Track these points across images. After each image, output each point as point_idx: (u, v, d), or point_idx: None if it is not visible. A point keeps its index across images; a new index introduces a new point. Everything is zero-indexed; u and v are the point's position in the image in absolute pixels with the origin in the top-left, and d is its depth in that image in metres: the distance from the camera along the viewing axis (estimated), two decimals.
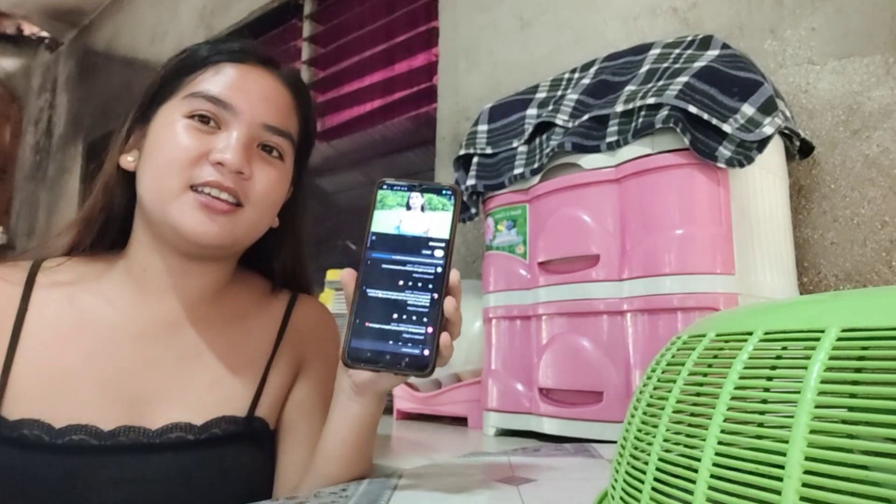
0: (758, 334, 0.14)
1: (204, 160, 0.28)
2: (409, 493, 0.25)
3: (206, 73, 0.30)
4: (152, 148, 0.29)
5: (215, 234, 0.28)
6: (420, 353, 0.24)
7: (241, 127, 0.29)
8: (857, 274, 0.51)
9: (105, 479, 0.26)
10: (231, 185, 0.28)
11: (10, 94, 2.34)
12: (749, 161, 0.41)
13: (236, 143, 0.28)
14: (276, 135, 0.30)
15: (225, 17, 1.42)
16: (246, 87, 0.30)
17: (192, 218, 0.28)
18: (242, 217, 0.29)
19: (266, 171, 0.30)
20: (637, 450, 0.16)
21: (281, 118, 0.31)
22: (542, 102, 0.54)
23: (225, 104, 0.29)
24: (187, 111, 0.29)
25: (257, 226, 0.31)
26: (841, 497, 0.10)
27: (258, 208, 0.30)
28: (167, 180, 0.28)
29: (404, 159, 1.02)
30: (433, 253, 0.25)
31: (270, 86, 0.31)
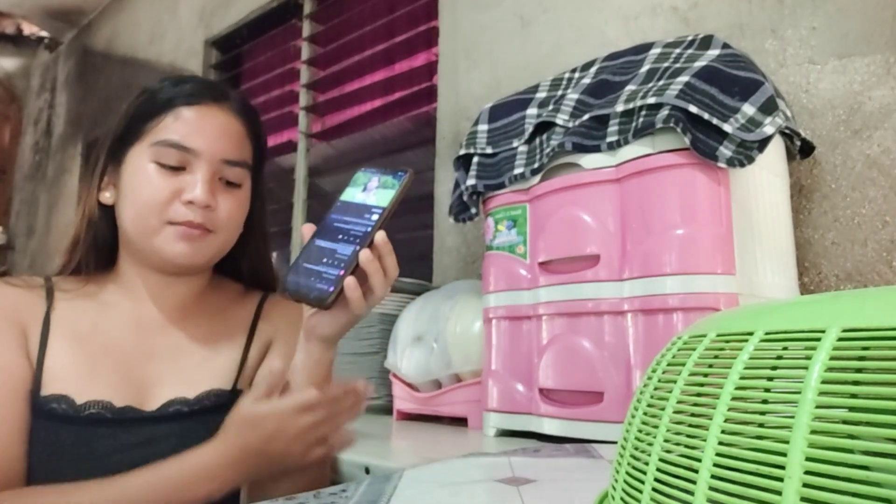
0: (758, 334, 0.14)
1: (176, 199, 0.34)
2: (409, 494, 0.25)
3: (167, 118, 0.35)
4: (129, 190, 0.35)
5: (192, 255, 0.35)
6: (325, 288, 0.29)
7: (204, 167, 0.35)
8: (858, 274, 0.51)
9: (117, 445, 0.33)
10: (201, 221, 0.35)
11: (9, 94, 2.34)
12: (750, 161, 0.41)
13: (202, 183, 0.34)
14: (234, 166, 0.36)
15: (224, 17, 1.42)
16: (203, 128, 0.35)
17: (174, 248, 0.35)
18: (213, 241, 0.36)
19: (228, 200, 0.36)
20: (637, 450, 0.16)
21: (236, 150, 0.36)
22: (542, 102, 0.54)
23: (187, 149, 0.35)
24: (155, 158, 0.35)
25: (225, 245, 0.37)
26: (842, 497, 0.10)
27: (224, 232, 0.36)
28: (148, 219, 0.34)
29: (404, 159, 1.02)
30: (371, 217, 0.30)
31: (224, 122, 0.36)
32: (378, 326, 0.68)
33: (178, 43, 1.56)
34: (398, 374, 0.62)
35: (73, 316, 0.36)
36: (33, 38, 2.30)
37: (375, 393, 0.67)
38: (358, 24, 1.10)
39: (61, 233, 1.96)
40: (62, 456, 0.32)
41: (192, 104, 0.35)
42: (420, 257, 0.92)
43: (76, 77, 2.05)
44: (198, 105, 0.35)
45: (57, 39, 2.19)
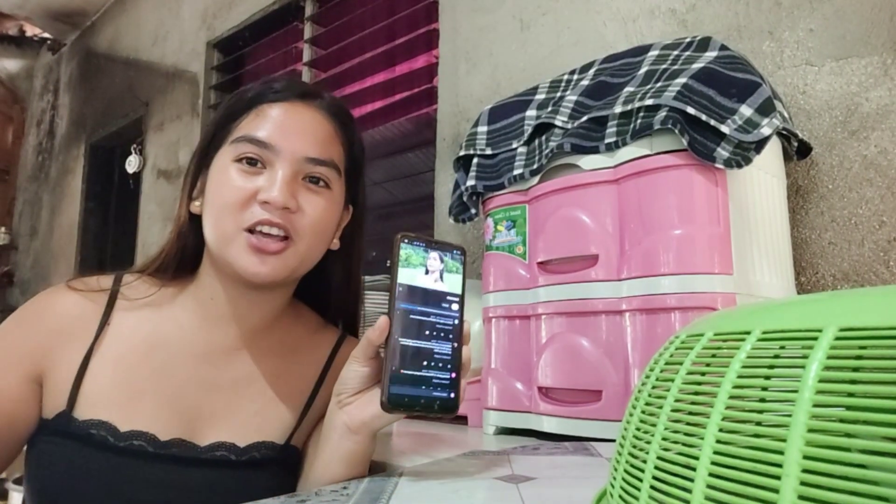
0: (756, 334, 0.14)
1: (253, 201, 0.31)
2: (409, 491, 0.25)
3: (250, 115, 0.33)
4: (210, 194, 0.33)
5: (266, 273, 0.31)
6: (448, 395, 0.28)
7: (284, 164, 0.32)
8: (855, 274, 0.51)
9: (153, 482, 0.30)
10: (279, 220, 0.31)
11: (12, 96, 2.35)
12: (747, 162, 0.41)
13: (280, 182, 0.31)
14: (319, 165, 0.33)
15: (227, 19, 1.42)
16: (285, 124, 0.32)
17: (246, 259, 0.31)
18: (292, 252, 0.32)
19: (313, 201, 0.33)
20: (636, 448, 0.16)
21: (322, 148, 0.33)
22: (541, 104, 0.54)
23: (266, 145, 0.32)
24: (235, 155, 0.32)
25: (309, 255, 0.33)
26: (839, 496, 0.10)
27: (307, 239, 0.32)
28: (223, 224, 0.32)
29: (405, 160, 1.03)
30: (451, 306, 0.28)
31: (309, 119, 0.33)
32: None
33: (181, 44, 1.56)
34: None
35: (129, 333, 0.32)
36: (36, 39, 2.31)
37: None
38: (359, 27, 1.11)
39: (64, 233, 1.96)
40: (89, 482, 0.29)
41: (276, 101, 0.33)
42: None
43: (79, 78, 2.05)
44: (282, 102, 0.33)
45: (60, 41, 2.20)
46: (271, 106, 0.33)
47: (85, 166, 1.91)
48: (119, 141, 1.83)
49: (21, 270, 2.22)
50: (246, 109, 0.33)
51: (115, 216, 1.88)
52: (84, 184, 1.91)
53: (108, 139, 1.87)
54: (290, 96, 0.33)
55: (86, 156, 1.91)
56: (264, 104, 0.33)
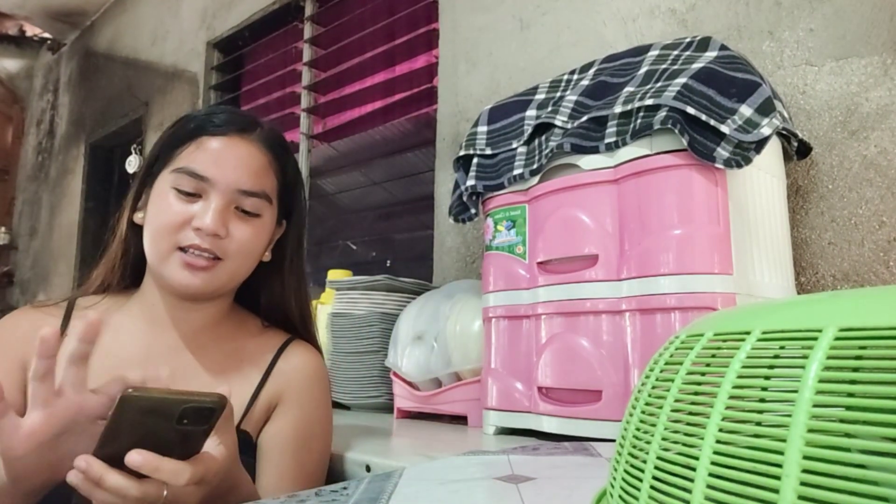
0: (755, 334, 0.14)
1: (187, 226, 0.35)
2: (409, 492, 0.25)
3: (191, 146, 0.36)
4: (150, 213, 0.36)
5: (197, 286, 0.35)
6: None
7: (218, 196, 0.35)
8: (855, 274, 0.51)
9: None
10: (208, 246, 0.35)
11: (12, 95, 2.35)
12: (747, 162, 0.41)
13: (213, 211, 0.35)
14: (251, 196, 0.36)
15: (226, 19, 1.42)
16: (221, 157, 0.36)
17: (178, 274, 0.35)
18: (221, 270, 0.36)
19: (241, 228, 0.36)
20: (635, 448, 0.16)
21: (254, 180, 0.37)
22: (541, 104, 0.54)
23: (203, 178, 0.35)
24: (174, 184, 0.36)
25: (236, 274, 0.37)
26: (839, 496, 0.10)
27: (234, 260, 0.36)
28: (160, 243, 0.35)
29: (404, 160, 1.03)
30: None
31: (245, 153, 0.37)
32: (378, 325, 0.68)
33: (180, 44, 1.56)
34: (399, 373, 0.63)
35: None
36: (36, 39, 2.31)
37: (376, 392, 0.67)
38: (359, 27, 1.11)
39: (64, 233, 1.96)
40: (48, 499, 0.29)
41: (215, 134, 0.36)
42: (420, 257, 0.93)
43: (79, 78, 2.05)
44: (221, 136, 0.36)
45: (59, 41, 2.20)
46: (210, 139, 0.36)
47: (85, 166, 1.91)
48: (119, 141, 1.83)
49: (21, 270, 2.22)
50: (188, 139, 0.36)
51: (114, 216, 1.88)
52: (84, 184, 1.91)
53: (108, 139, 1.87)
54: (229, 130, 0.37)
55: (85, 156, 1.91)
56: (204, 136, 0.36)
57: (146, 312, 0.37)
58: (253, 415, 0.37)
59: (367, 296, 0.69)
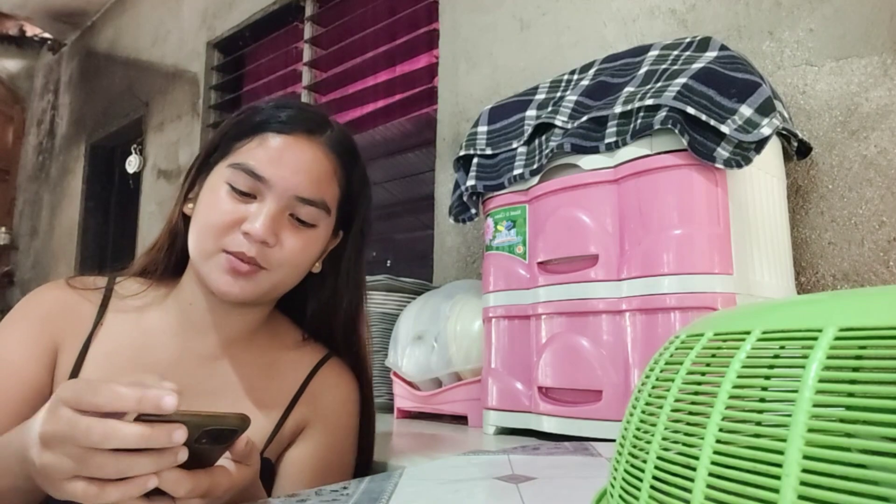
0: (756, 334, 0.14)
1: (236, 228, 0.32)
2: (409, 491, 0.25)
3: (253, 142, 0.33)
4: (201, 207, 0.34)
5: (236, 294, 0.32)
6: None
7: (273, 200, 0.32)
8: (855, 274, 0.51)
9: None
10: (254, 255, 0.32)
11: (13, 96, 2.35)
12: (747, 162, 0.41)
13: (264, 217, 0.32)
14: (308, 205, 0.33)
15: (227, 19, 1.42)
16: (283, 160, 0.33)
17: (219, 278, 0.32)
18: (263, 279, 0.33)
19: (292, 238, 0.33)
20: (636, 448, 0.16)
21: (314, 188, 0.34)
22: (541, 104, 0.54)
23: (261, 178, 0.32)
24: (229, 180, 0.33)
25: (279, 284, 0.34)
26: (839, 496, 0.10)
27: (280, 271, 0.33)
28: (205, 242, 0.33)
29: (405, 160, 1.03)
30: None
31: (309, 157, 0.33)
32: (379, 326, 0.68)
33: (181, 45, 1.56)
34: (399, 373, 0.63)
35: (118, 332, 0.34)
36: (36, 39, 2.31)
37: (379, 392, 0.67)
38: (359, 27, 1.11)
39: (64, 233, 1.97)
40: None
41: (280, 132, 0.33)
42: (420, 257, 0.93)
43: (79, 78, 2.05)
44: (287, 134, 0.33)
45: (60, 41, 2.20)
46: (274, 136, 0.33)
47: (85, 166, 1.91)
48: (119, 141, 1.83)
49: (21, 270, 2.22)
50: (251, 133, 0.33)
51: (115, 216, 1.88)
52: (84, 184, 1.91)
53: (109, 139, 1.87)
54: (296, 129, 0.33)
55: (86, 156, 1.92)
56: (269, 133, 0.33)
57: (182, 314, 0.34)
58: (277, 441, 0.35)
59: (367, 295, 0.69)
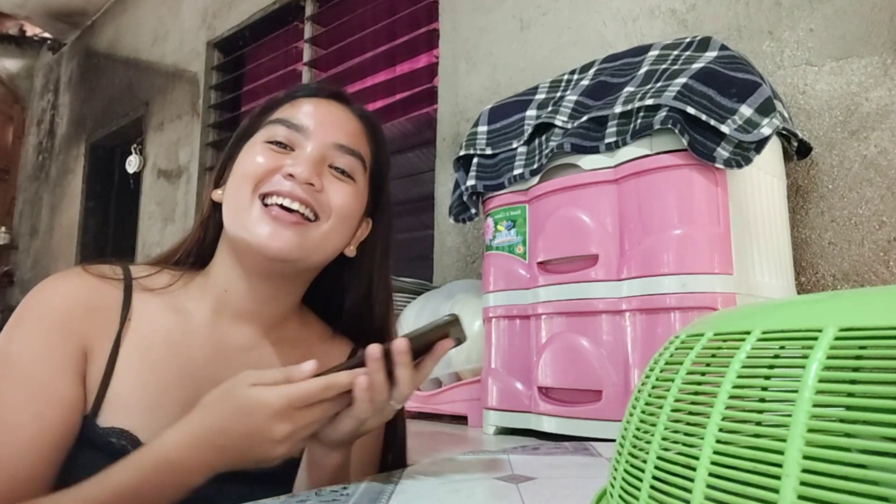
0: (756, 334, 0.14)
1: (276, 173, 0.30)
2: (409, 491, 0.25)
3: (284, 107, 0.33)
4: (234, 173, 0.32)
5: (282, 244, 0.29)
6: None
7: (313, 145, 0.31)
8: (855, 274, 0.51)
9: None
10: (302, 195, 0.29)
11: (12, 95, 2.35)
12: (747, 162, 0.41)
13: (307, 157, 0.30)
14: (347, 154, 0.32)
15: (227, 19, 1.42)
16: (317, 113, 0.32)
17: (261, 230, 0.29)
18: (314, 230, 0.30)
19: (338, 185, 0.31)
20: (636, 448, 0.16)
21: (351, 139, 0.33)
22: (541, 104, 0.54)
23: (298, 127, 0.31)
24: (266, 137, 0.31)
25: (328, 241, 0.31)
26: (839, 496, 0.10)
27: (331, 222, 0.31)
28: (240, 193, 0.30)
29: (405, 160, 1.03)
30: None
31: (341, 114, 0.33)
32: None
33: (181, 44, 1.56)
34: None
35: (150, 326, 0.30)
36: (36, 39, 2.31)
37: None
38: (359, 27, 1.11)
39: (64, 233, 1.97)
40: None
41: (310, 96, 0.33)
42: (420, 257, 0.93)
43: (79, 78, 2.05)
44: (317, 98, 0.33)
45: (60, 41, 2.20)
46: (307, 100, 0.33)
47: (85, 166, 1.91)
48: (119, 141, 1.83)
49: (21, 270, 2.22)
50: (281, 102, 0.33)
51: (115, 216, 1.88)
52: (84, 183, 1.91)
53: (109, 139, 1.88)
54: (324, 94, 0.34)
55: (86, 155, 1.92)
56: (300, 97, 0.33)
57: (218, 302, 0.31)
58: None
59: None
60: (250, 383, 0.25)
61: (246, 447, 0.25)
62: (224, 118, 1.44)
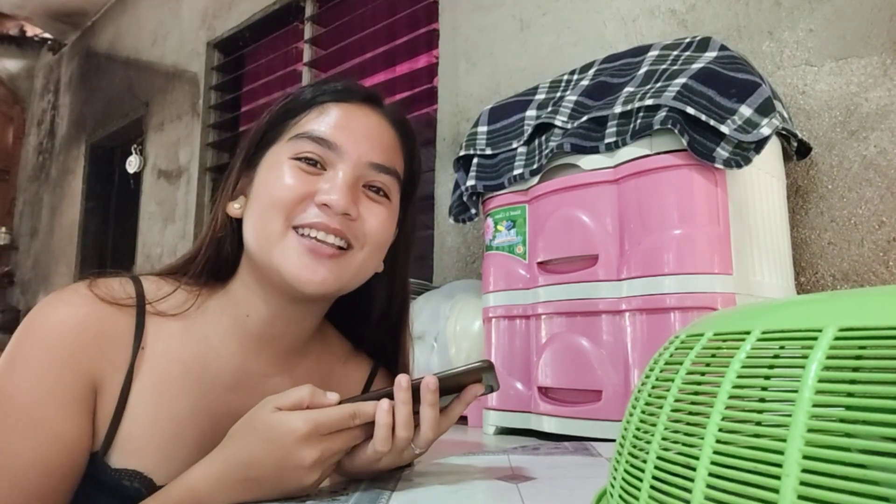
0: (755, 334, 0.14)
1: (309, 201, 0.27)
2: (409, 492, 0.25)
3: (311, 114, 0.29)
4: (258, 191, 0.29)
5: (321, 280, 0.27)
6: None
7: (347, 167, 0.28)
8: (855, 274, 0.51)
9: None
10: (338, 226, 0.27)
11: (13, 96, 2.35)
12: (747, 162, 0.41)
13: (342, 184, 0.27)
14: (383, 172, 0.29)
15: (227, 19, 1.42)
16: (350, 125, 0.29)
17: (297, 262, 0.27)
18: (350, 260, 0.28)
19: (374, 210, 0.29)
20: (636, 448, 0.16)
21: (386, 155, 0.30)
22: (541, 104, 0.54)
23: (330, 144, 0.28)
24: (293, 153, 0.28)
25: (364, 269, 0.29)
26: (839, 496, 0.10)
27: (367, 250, 0.29)
28: (271, 222, 0.27)
29: None
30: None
31: (374, 123, 0.30)
32: None
33: (181, 45, 1.57)
34: None
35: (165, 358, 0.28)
36: (37, 39, 2.31)
37: None
38: (359, 27, 1.11)
39: (64, 233, 1.97)
40: None
41: (340, 101, 0.29)
42: (420, 257, 0.92)
43: (79, 78, 2.06)
44: (347, 102, 0.29)
45: (60, 41, 2.20)
46: (336, 105, 0.29)
47: (85, 166, 1.91)
48: (119, 141, 1.83)
49: (21, 270, 2.22)
50: (306, 107, 0.30)
51: (115, 216, 1.88)
52: (84, 184, 1.91)
53: (109, 139, 1.88)
54: (355, 97, 0.30)
55: (86, 156, 1.92)
56: (328, 102, 0.29)
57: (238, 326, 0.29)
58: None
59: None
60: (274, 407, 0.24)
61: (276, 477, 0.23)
62: (224, 118, 1.44)
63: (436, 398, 0.25)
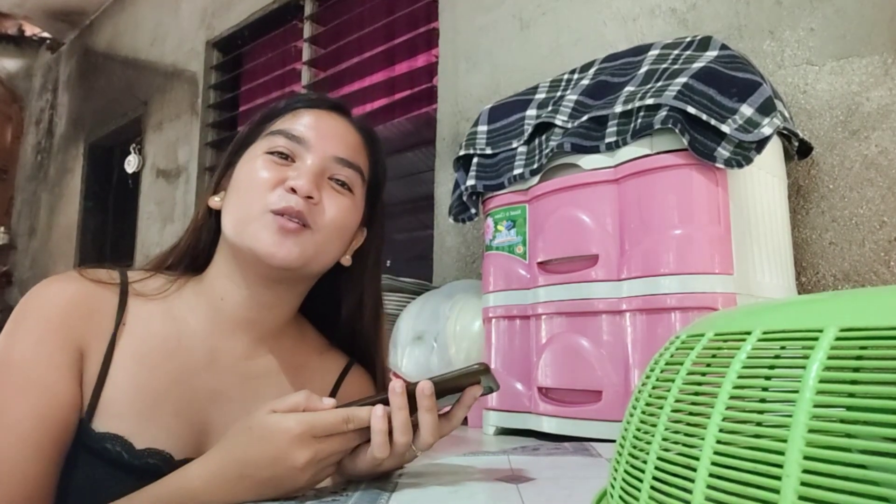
0: (756, 334, 0.14)
1: (279, 187, 0.31)
2: (408, 493, 0.25)
3: (285, 117, 0.34)
4: (236, 183, 0.33)
5: (283, 255, 0.30)
6: None
7: (313, 158, 0.32)
8: (856, 274, 0.51)
9: None
10: (301, 209, 0.31)
11: (11, 95, 2.35)
12: (748, 161, 0.41)
13: (308, 171, 0.32)
14: (346, 167, 0.33)
15: (226, 18, 1.42)
16: (318, 125, 0.34)
17: (268, 238, 0.30)
18: (309, 238, 0.31)
19: (335, 199, 0.33)
20: (636, 449, 0.16)
21: (350, 152, 0.34)
22: (541, 103, 0.54)
23: (299, 139, 0.33)
24: (267, 148, 0.33)
25: (325, 248, 0.33)
26: (839, 496, 0.10)
27: (325, 232, 0.32)
28: (249, 205, 0.31)
29: (405, 160, 1.03)
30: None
31: (341, 125, 0.35)
32: None
33: (180, 44, 1.56)
34: (399, 373, 0.63)
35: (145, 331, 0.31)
36: (35, 38, 2.31)
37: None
38: (358, 26, 1.11)
39: (63, 233, 1.96)
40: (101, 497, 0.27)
41: (311, 107, 0.34)
42: (420, 257, 0.93)
43: (78, 77, 2.05)
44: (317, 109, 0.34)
45: (59, 40, 2.20)
46: (307, 110, 0.34)
47: (84, 166, 1.91)
48: (118, 140, 1.83)
49: (20, 270, 2.22)
50: (281, 113, 0.34)
51: (113, 216, 1.88)
52: (83, 183, 1.91)
53: (107, 138, 1.87)
54: (325, 105, 0.35)
55: (85, 155, 1.91)
56: (300, 108, 0.34)
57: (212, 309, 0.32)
58: None
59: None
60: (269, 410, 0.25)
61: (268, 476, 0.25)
62: (223, 118, 1.44)
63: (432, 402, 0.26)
